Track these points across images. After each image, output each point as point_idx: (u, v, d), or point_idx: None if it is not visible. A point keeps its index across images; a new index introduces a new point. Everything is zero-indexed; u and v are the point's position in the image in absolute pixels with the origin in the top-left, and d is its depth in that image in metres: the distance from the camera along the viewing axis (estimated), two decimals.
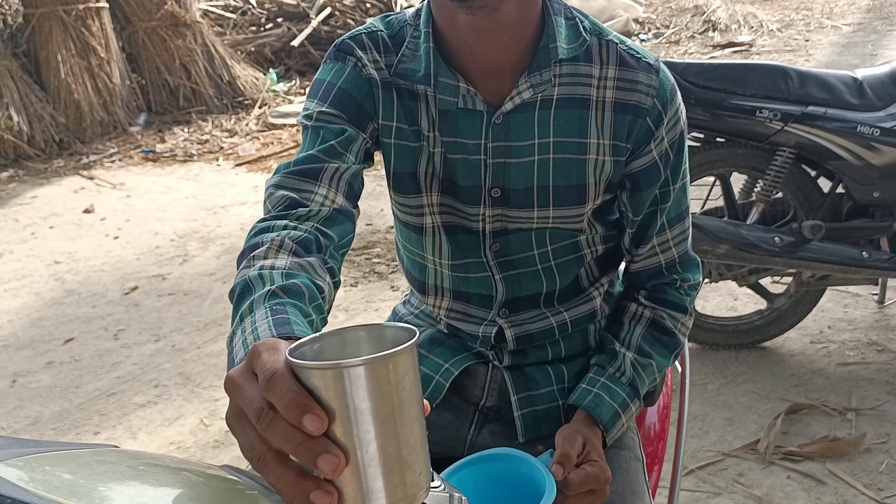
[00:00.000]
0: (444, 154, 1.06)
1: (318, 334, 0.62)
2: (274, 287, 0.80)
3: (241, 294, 0.82)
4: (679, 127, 1.07)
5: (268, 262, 0.85)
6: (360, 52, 1.06)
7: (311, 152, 1.00)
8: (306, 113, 1.05)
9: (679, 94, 1.08)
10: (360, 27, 1.10)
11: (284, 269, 0.84)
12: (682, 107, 1.08)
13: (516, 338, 1.17)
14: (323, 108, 1.03)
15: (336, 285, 0.94)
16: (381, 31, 1.07)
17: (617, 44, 1.05)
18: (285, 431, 0.55)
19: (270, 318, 0.75)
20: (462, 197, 1.08)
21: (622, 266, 1.26)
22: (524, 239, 1.11)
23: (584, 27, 1.05)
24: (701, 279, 1.20)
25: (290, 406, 0.55)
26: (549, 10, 1.03)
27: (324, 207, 0.96)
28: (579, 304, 1.19)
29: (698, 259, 1.19)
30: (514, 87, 1.02)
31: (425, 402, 0.61)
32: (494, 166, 1.05)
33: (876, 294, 2.78)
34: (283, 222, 0.92)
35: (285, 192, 0.96)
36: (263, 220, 0.95)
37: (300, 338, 0.63)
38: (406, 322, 1.28)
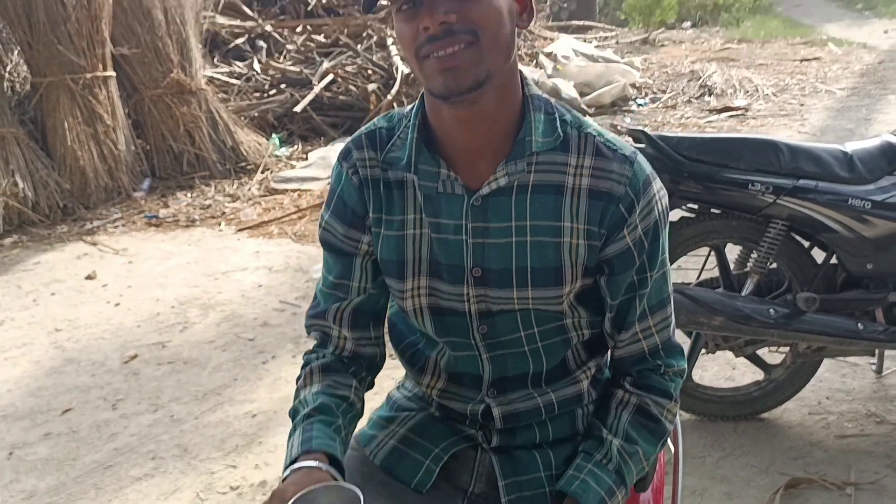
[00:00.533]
0: (430, 235, 1.14)
1: (305, 491, 0.98)
2: (308, 410, 1.16)
3: (292, 417, 1.18)
4: (653, 216, 1.11)
5: (304, 392, 1.20)
6: (356, 153, 1.18)
7: (322, 287, 1.25)
8: (321, 221, 1.24)
9: (656, 184, 1.13)
10: (365, 126, 1.22)
11: (316, 391, 1.19)
12: (661, 198, 1.13)
13: (503, 416, 1.20)
14: (328, 217, 1.22)
15: (368, 384, 1.28)
16: (382, 127, 1.18)
17: (595, 136, 1.13)
18: None
19: (301, 438, 1.11)
20: (446, 277, 1.15)
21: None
22: (510, 320, 1.15)
23: (563, 120, 1.13)
24: (685, 366, 1.22)
25: None
26: (529, 106, 1.11)
27: (341, 340, 1.24)
28: (566, 386, 1.22)
29: (681, 346, 1.23)
30: (492, 173, 1.10)
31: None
32: (474, 246, 1.12)
33: (874, 363, 2.78)
34: (316, 354, 1.26)
35: (315, 332, 1.27)
36: (308, 352, 1.27)
37: (319, 450, 1.09)
38: (399, 405, 1.31)
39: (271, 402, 2.95)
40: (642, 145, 2.37)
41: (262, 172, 5.99)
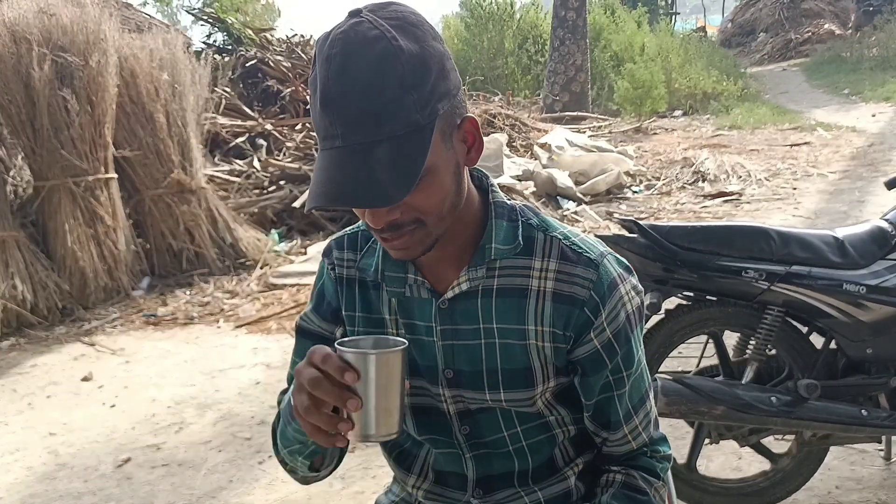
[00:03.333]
0: (405, 336, 1.15)
1: (354, 338, 1.09)
2: None
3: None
4: (621, 318, 1.11)
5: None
6: (336, 252, 1.22)
7: (292, 371, 1.23)
8: (303, 312, 1.27)
9: (625, 286, 1.12)
10: (350, 227, 1.25)
11: None
12: (630, 299, 1.12)
13: None
14: (308, 310, 1.25)
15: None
16: (363, 230, 1.20)
17: (560, 239, 1.13)
18: (329, 387, 0.96)
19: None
20: (425, 376, 1.17)
21: None
22: (492, 420, 1.15)
23: (529, 224, 1.14)
24: (670, 452, 1.22)
25: (337, 370, 0.96)
26: (492, 213, 1.13)
27: None
28: (554, 484, 1.21)
29: (664, 434, 1.22)
30: (456, 278, 1.12)
31: (407, 382, 1.00)
32: (444, 348, 1.14)
33: (882, 450, 2.72)
34: None
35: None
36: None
37: None
38: None
39: (267, 503, 2.89)
40: (634, 235, 2.39)
41: (262, 268, 6.01)
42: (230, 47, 9.59)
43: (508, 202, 1.15)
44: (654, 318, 2.42)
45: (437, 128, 0.98)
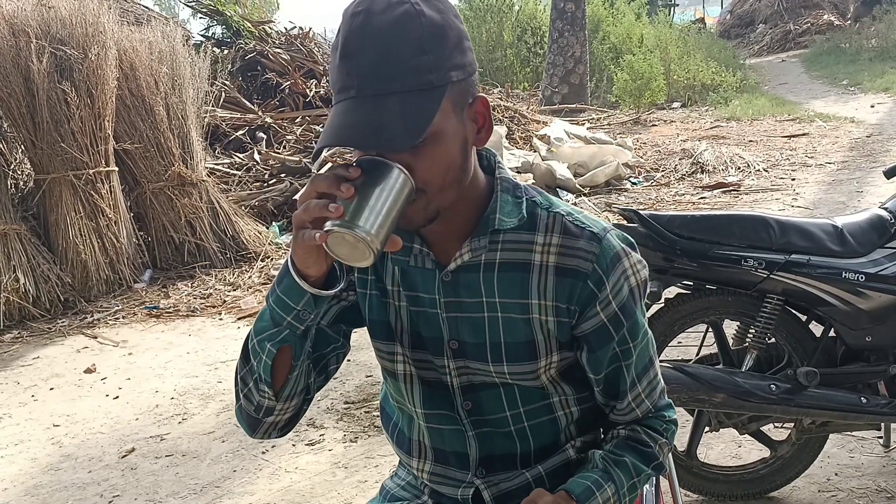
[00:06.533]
0: (408, 307, 1.18)
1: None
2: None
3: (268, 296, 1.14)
4: (626, 291, 1.13)
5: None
6: None
7: None
8: None
9: (629, 259, 1.14)
10: None
11: None
12: (636, 271, 1.15)
13: (494, 498, 1.21)
14: None
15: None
16: None
17: (563, 215, 1.15)
18: (328, 178, 0.98)
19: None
20: (429, 348, 1.18)
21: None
22: (495, 397, 1.17)
23: (533, 202, 1.16)
24: (675, 417, 1.24)
25: (342, 164, 0.98)
26: (497, 188, 1.15)
27: None
28: (553, 456, 1.23)
29: (670, 401, 1.24)
30: (459, 249, 1.14)
31: (395, 237, 1.00)
32: (449, 320, 1.16)
33: (881, 437, 2.74)
34: None
35: None
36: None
37: None
38: (392, 494, 1.31)
39: (271, 493, 2.90)
40: (634, 224, 2.40)
41: (263, 261, 6.03)
42: (229, 40, 9.56)
43: (514, 180, 1.17)
44: (654, 307, 2.44)
45: (449, 95, 1.02)
